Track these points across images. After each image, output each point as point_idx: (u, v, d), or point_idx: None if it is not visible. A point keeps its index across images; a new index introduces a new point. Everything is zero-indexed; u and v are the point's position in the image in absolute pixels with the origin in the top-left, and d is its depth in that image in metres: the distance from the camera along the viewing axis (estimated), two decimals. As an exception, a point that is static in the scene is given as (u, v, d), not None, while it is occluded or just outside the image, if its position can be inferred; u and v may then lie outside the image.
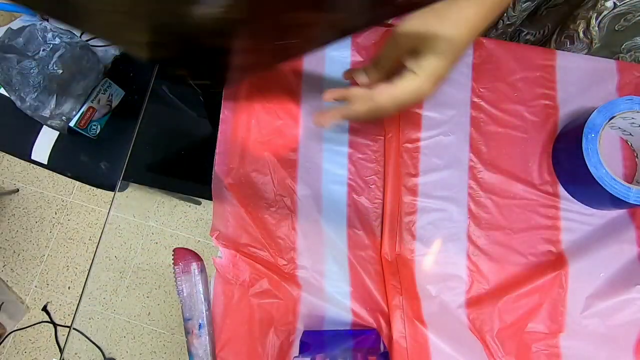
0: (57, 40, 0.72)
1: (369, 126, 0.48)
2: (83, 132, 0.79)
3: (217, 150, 0.48)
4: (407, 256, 0.44)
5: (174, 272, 0.44)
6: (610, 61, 0.48)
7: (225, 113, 0.50)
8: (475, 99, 0.48)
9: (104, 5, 0.21)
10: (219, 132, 0.49)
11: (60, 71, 0.70)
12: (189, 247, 0.47)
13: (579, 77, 0.48)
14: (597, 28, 0.50)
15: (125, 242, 1.27)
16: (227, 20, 0.22)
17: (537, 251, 0.44)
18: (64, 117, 0.74)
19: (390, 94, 0.34)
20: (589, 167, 0.40)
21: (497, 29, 0.58)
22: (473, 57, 0.49)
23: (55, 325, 1.21)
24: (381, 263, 0.45)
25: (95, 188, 0.98)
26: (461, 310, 0.43)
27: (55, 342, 1.20)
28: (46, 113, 0.72)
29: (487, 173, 0.46)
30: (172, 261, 0.44)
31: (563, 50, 0.51)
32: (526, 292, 0.42)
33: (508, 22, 0.56)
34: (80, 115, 0.76)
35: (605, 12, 0.48)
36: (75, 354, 1.24)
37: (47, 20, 0.75)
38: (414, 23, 0.33)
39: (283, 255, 0.45)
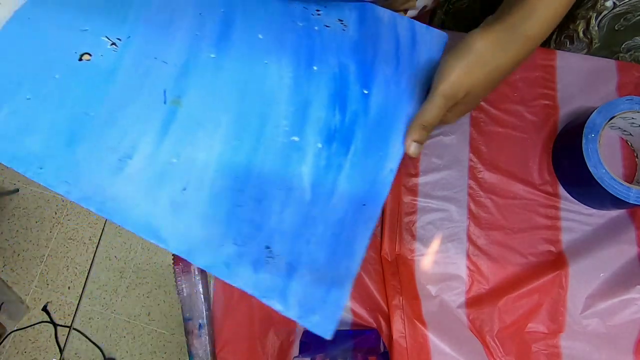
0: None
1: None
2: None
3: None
4: (407, 256, 0.44)
5: (174, 272, 0.44)
6: (610, 61, 0.48)
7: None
8: (475, 99, 0.48)
9: None
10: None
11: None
12: (189, 247, 0.46)
13: (579, 77, 0.48)
14: (596, 28, 0.50)
15: (125, 242, 1.27)
16: None
17: (537, 251, 0.44)
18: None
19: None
20: (589, 167, 0.40)
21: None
22: (473, 57, 0.49)
23: (55, 325, 1.21)
24: (381, 263, 0.45)
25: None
26: (461, 310, 0.43)
27: (55, 342, 1.20)
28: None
29: (487, 173, 0.46)
30: (172, 261, 0.44)
31: (563, 50, 0.51)
32: (526, 292, 0.42)
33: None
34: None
35: (605, 12, 0.48)
36: (75, 354, 1.24)
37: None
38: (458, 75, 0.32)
39: (283, 255, 0.45)
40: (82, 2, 0.35)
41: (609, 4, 0.47)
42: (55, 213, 1.30)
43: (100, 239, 1.27)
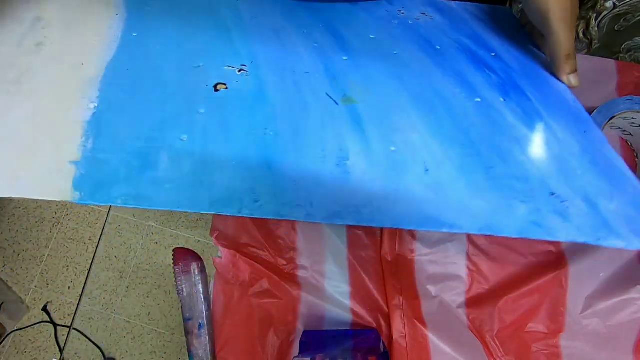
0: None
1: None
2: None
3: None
4: (407, 256, 0.44)
5: (174, 272, 0.44)
6: (610, 61, 0.48)
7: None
8: (475, 99, 0.48)
9: None
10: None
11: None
12: (189, 247, 0.47)
13: (579, 77, 0.48)
14: (596, 28, 0.50)
15: (125, 242, 1.27)
16: None
17: (537, 251, 0.44)
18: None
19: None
20: (589, 167, 0.40)
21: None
22: (473, 57, 0.49)
23: (55, 325, 1.21)
24: (381, 263, 0.45)
25: (95, 188, 0.97)
26: (461, 310, 0.43)
27: (55, 342, 1.20)
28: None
29: (487, 173, 0.46)
30: (172, 261, 0.44)
31: (563, 50, 0.51)
32: (526, 292, 0.42)
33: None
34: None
35: (605, 13, 0.48)
36: (75, 354, 1.24)
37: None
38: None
39: (283, 255, 0.45)
40: (177, 43, 0.33)
41: (609, 4, 0.47)
42: (55, 213, 1.30)
43: (100, 239, 1.27)
